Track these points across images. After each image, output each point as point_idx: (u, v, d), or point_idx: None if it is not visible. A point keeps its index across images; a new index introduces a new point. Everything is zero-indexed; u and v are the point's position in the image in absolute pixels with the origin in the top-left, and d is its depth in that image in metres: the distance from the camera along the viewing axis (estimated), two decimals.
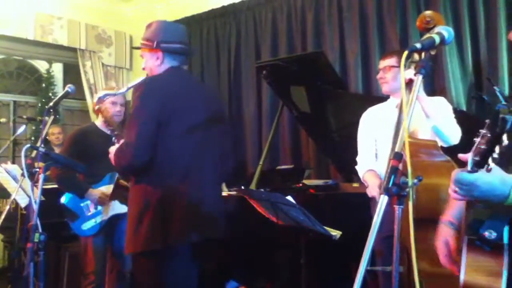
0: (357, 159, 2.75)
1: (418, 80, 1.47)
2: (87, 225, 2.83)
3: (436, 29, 1.51)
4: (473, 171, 1.17)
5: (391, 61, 2.62)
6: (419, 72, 1.47)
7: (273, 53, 4.76)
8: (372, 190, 2.52)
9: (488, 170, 1.15)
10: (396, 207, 1.37)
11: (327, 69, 3.36)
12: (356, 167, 2.75)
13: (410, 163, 1.38)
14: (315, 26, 4.50)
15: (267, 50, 4.83)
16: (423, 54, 1.49)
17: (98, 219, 2.85)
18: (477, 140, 1.16)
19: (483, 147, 1.14)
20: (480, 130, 1.16)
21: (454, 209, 1.58)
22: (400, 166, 1.37)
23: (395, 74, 2.57)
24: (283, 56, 4.45)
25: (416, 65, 1.53)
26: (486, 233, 1.25)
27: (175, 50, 2.17)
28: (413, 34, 3.82)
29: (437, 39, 1.47)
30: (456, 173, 1.21)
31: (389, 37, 4.04)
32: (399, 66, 2.50)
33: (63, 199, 2.89)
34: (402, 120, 2.25)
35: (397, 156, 1.36)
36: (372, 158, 2.70)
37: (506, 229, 1.26)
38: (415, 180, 1.37)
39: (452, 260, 1.53)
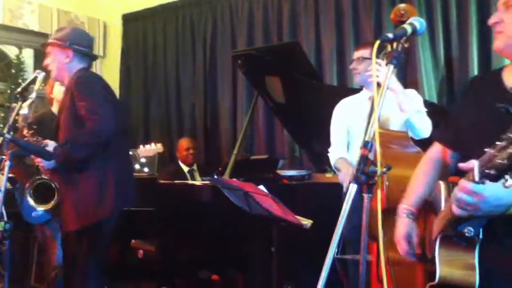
0: (330, 149, 2.78)
1: (390, 70, 1.49)
2: (37, 213, 2.77)
3: (409, 20, 1.53)
4: (481, 182, 1.09)
5: (364, 52, 2.63)
6: (391, 62, 1.48)
7: (249, 44, 4.73)
8: (346, 177, 2.54)
9: (507, 186, 1.03)
10: (365, 195, 1.39)
11: (302, 60, 3.37)
12: (328, 154, 2.78)
13: (380, 153, 1.40)
14: (291, 17, 4.50)
15: (243, 40, 4.81)
16: (394, 44, 1.50)
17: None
18: (490, 151, 1.04)
19: (502, 161, 1.01)
20: (497, 142, 1.03)
21: (415, 196, 1.58)
22: (371, 157, 1.39)
23: (368, 65, 2.56)
24: (259, 46, 4.44)
25: (388, 55, 1.54)
26: (465, 230, 1.25)
27: (84, 52, 2.52)
28: (388, 28, 3.86)
29: (409, 29, 1.48)
30: (467, 184, 1.12)
31: (364, 30, 4.07)
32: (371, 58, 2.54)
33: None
34: (371, 108, 2.28)
35: (367, 145, 1.37)
36: (344, 148, 2.73)
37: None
38: (384, 169, 1.39)
39: (412, 254, 1.54)
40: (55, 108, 3.00)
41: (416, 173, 1.62)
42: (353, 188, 1.34)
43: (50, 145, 2.34)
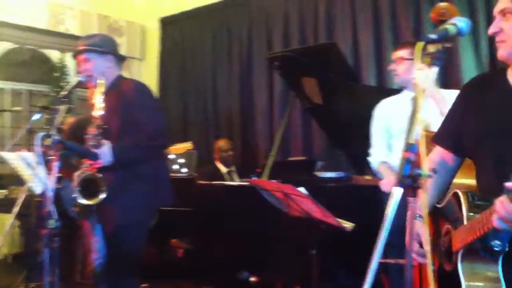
0: (370, 150, 2.75)
1: (433, 72, 1.46)
2: None
3: (452, 20, 1.50)
4: None
5: (403, 53, 2.59)
6: (434, 64, 1.46)
7: (285, 45, 4.75)
8: (388, 184, 2.50)
9: None
10: (410, 199, 1.37)
11: (340, 60, 3.34)
12: (369, 158, 2.74)
13: (424, 155, 1.38)
14: (327, 17, 4.48)
15: (279, 42, 4.82)
16: (437, 45, 1.48)
17: None
18: None
19: None
20: None
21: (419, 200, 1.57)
22: (414, 158, 1.37)
23: (407, 66, 2.53)
24: (295, 47, 4.44)
25: (431, 57, 1.52)
26: (493, 244, 1.25)
27: (119, 57, 2.67)
28: (427, 27, 3.79)
29: (454, 30, 1.45)
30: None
31: (403, 29, 4.01)
32: (411, 59, 2.47)
33: None
34: (413, 110, 2.25)
35: (411, 148, 1.35)
36: (385, 150, 2.69)
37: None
38: (429, 172, 1.37)
39: (422, 254, 1.53)
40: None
41: None
42: (397, 192, 1.33)
43: (107, 145, 2.43)
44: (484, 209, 1.26)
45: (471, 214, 1.35)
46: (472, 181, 1.55)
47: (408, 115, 2.39)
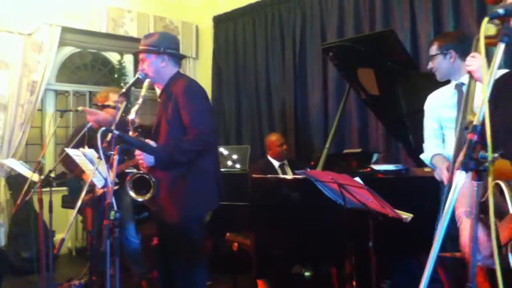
0: (424, 145, 2.67)
1: (500, 49, 1.36)
2: None
3: None
4: None
5: (431, 50, 2.58)
6: (502, 40, 1.36)
7: (339, 36, 4.63)
8: (440, 172, 2.41)
9: None
10: (474, 183, 1.29)
11: (398, 48, 3.20)
12: (421, 155, 2.66)
13: (489, 137, 1.29)
14: (383, 6, 4.32)
15: (333, 33, 4.72)
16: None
17: None
18: None
19: None
20: None
21: (467, 197, 1.50)
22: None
23: (438, 61, 2.53)
24: (350, 37, 4.33)
25: (498, 32, 1.43)
26: None
27: (176, 55, 2.69)
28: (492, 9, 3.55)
29: None
30: None
31: (465, 13, 3.78)
32: (440, 53, 2.51)
33: None
34: (465, 98, 2.12)
35: (475, 129, 1.27)
36: (439, 144, 2.62)
37: None
38: (495, 154, 1.27)
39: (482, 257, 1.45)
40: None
41: None
42: (461, 176, 1.24)
43: (151, 145, 2.52)
44: None
45: None
46: None
47: (454, 104, 2.28)
